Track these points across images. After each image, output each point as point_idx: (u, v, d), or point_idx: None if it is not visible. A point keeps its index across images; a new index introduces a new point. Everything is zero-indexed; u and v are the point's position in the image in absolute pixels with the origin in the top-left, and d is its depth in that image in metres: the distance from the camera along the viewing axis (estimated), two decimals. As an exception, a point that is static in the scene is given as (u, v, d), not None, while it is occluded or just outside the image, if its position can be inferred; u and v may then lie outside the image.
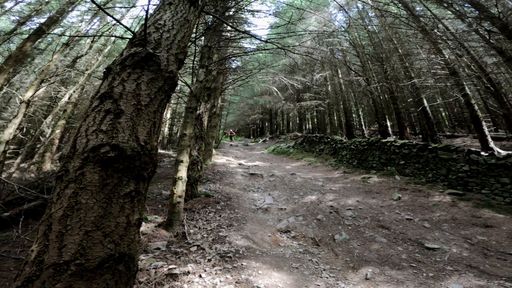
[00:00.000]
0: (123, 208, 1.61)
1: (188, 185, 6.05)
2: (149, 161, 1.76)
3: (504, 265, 3.60)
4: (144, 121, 1.77)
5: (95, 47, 15.10)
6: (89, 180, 1.53)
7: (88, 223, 1.48)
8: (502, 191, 5.76)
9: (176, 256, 3.87)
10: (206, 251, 3.96)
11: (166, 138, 25.57)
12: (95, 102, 1.76)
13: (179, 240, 4.50)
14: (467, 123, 16.06)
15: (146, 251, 4.02)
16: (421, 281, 3.37)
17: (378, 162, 9.13)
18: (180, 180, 4.92)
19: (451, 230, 4.85)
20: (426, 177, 7.29)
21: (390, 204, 6.14)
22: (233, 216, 5.36)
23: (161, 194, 7.03)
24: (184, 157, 5.11)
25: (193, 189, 6.23)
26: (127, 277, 1.68)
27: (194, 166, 6.38)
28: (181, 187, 4.91)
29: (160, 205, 6.24)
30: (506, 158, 5.80)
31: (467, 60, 10.89)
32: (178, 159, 5.10)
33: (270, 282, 3.23)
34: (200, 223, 4.96)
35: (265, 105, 29.13)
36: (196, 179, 6.35)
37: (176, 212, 4.85)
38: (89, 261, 1.49)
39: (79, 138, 1.67)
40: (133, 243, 1.70)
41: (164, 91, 1.96)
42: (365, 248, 4.35)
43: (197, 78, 5.82)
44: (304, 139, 16.67)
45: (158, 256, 3.85)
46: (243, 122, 37.04)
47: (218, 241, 4.24)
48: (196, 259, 3.73)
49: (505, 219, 5.01)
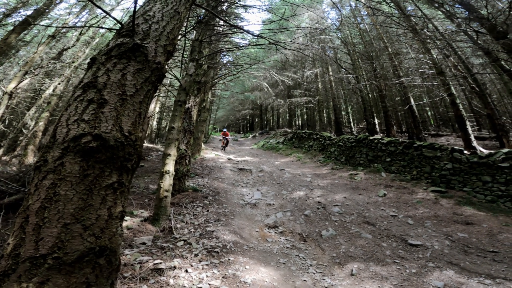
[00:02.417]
0: (105, 200, 1.55)
1: (176, 179, 5.97)
2: (133, 152, 1.71)
3: (484, 262, 3.71)
4: (129, 111, 1.71)
5: (82, 39, 14.74)
6: (69, 171, 1.46)
7: (67, 215, 1.42)
8: (483, 189, 5.95)
9: (162, 251, 3.82)
10: (193, 246, 3.92)
11: (155, 132, 25.19)
12: (78, 92, 1.69)
13: (166, 235, 4.45)
14: (451, 123, 16.51)
15: (131, 246, 3.95)
16: (405, 278, 3.45)
17: (365, 159, 9.28)
18: (168, 174, 4.84)
19: (434, 227, 4.98)
20: (410, 175, 7.47)
21: (376, 201, 6.25)
22: (221, 211, 5.33)
23: (147, 188, 6.92)
24: (172, 151, 5.03)
25: (180, 183, 6.15)
26: (109, 271, 1.64)
27: (182, 160, 6.30)
28: (168, 181, 4.83)
29: (147, 200, 6.15)
30: (488, 156, 5.99)
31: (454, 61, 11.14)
32: (166, 153, 5.02)
33: (257, 277, 3.23)
34: (187, 218, 4.91)
35: (255, 101, 29.02)
36: (184, 173, 6.27)
37: (162, 206, 4.78)
38: (67, 255, 1.43)
39: (60, 127, 1.60)
40: (115, 236, 1.65)
41: (151, 82, 1.91)
42: (351, 244, 4.42)
43: (187, 72, 5.73)
44: (293, 135, 16.76)
45: (144, 251, 3.78)
46: (233, 117, 36.84)
47: (206, 236, 4.21)
48: (183, 254, 3.69)
49: (485, 216, 5.18)
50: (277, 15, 6.13)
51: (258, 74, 16.65)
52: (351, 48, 17.36)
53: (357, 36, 18.30)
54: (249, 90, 25.30)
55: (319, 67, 19.34)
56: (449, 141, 11.96)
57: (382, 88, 14.08)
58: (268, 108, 30.32)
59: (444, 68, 11.22)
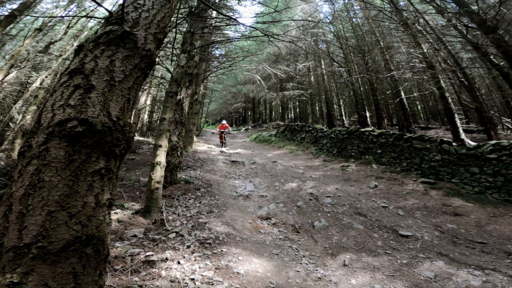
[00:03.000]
0: (92, 186, 1.50)
1: (168, 171, 5.90)
2: (121, 138, 1.65)
3: (473, 254, 3.78)
4: (117, 97, 1.66)
5: (70, 33, 14.55)
6: (54, 156, 1.41)
7: (51, 202, 1.37)
8: (471, 180, 6.08)
9: (154, 243, 3.78)
10: (185, 238, 3.90)
11: (146, 125, 24.87)
12: (64, 78, 1.63)
13: (157, 227, 4.40)
14: (440, 116, 16.81)
15: (122, 239, 3.90)
16: (396, 268, 3.51)
17: (356, 151, 9.39)
18: (159, 165, 4.77)
19: (423, 218, 5.08)
20: (401, 166, 7.59)
21: (367, 192, 6.33)
22: (213, 202, 5.31)
23: (139, 181, 6.83)
24: (163, 142, 4.95)
25: (172, 175, 6.09)
26: (96, 261, 1.59)
27: (174, 151, 6.22)
28: (160, 173, 4.77)
29: (138, 192, 6.06)
30: (476, 148, 6.11)
31: (444, 55, 11.28)
32: (157, 144, 4.94)
33: (250, 268, 3.23)
34: (179, 210, 4.87)
35: (248, 94, 28.86)
36: (176, 165, 6.21)
37: (154, 198, 4.72)
38: (52, 244, 1.38)
39: (45, 112, 1.53)
40: (103, 224, 1.60)
41: (140, 68, 1.86)
42: (343, 234, 4.46)
43: (178, 63, 5.64)
44: (286, 127, 16.80)
45: (135, 243, 3.73)
46: (226, 110, 36.60)
47: (198, 228, 4.19)
48: (175, 246, 3.66)
49: (473, 208, 5.29)
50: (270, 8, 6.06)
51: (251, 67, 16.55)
52: (343, 42, 17.38)
53: (350, 30, 18.33)
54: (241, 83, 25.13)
55: (312, 61, 19.32)
56: (438, 133, 12.19)
57: (373, 81, 14.19)
58: (260, 101, 30.23)
59: (434, 62, 11.36)
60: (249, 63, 17.00)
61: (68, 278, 1.43)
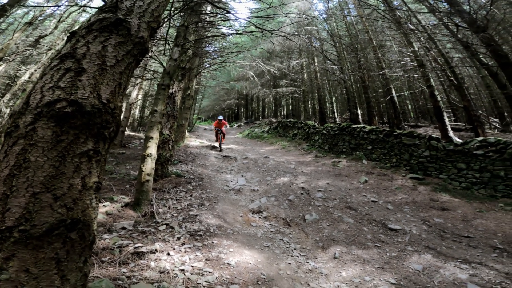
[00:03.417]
0: (79, 168, 1.46)
1: (159, 164, 5.84)
2: (111, 120, 1.63)
3: (459, 248, 3.86)
4: (109, 80, 1.65)
5: (61, 27, 14.41)
6: (41, 136, 1.37)
7: (36, 183, 1.33)
8: (458, 176, 6.22)
9: (143, 235, 3.73)
10: (175, 230, 3.86)
11: (137, 120, 24.58)
12: (55, 62, 1.60)
13: (147, 220, 4.35)
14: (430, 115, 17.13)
15: (110, 231, 3.84)
16: (385, 261, 3.56)
17: (348, 147, 9.49)
18: (150, 157, 4.71)
19: (412, 212, 5.17)
20: (390, 162, 7.71)
21: (358, 187, 6.41)
22: (204, 196, 5.28)
23: (129, 175, 6.74)
24: (154, 134, 4.89)
25: (163, 168, 6.03)
26: (81, 247, 1.55)
27: (165, 144, 6.15)
28: (150, 165, 4.71)
29: (128, 185, 5.99)
30: (464, 144, 6.24)
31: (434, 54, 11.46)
32: (148, 136, 4.87)
33: (241, 259, 3.22)
34: (170, 203, 4.83)
35: (241, 91, 28.78)
36: (167, 158, 6.14)
37: (144, 191, 4.66)
38: (35, 227, 1.34)
39: (34, 94, 1.50)
40: (89, 209, 1.56)
41: (133, 55, 1.85)
42: (334, 228, 4.50)
43: (171, 56, 5.59)
44: (278, 124, 16.86)
45: (124, 235, 3.68)
46: (218, 107, 36.41)
47: (189, 220, 4.15)
48: (165, 238, 3.62)
49: (460, 203, 5.41)
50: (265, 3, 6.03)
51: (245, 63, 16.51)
52: (337, 40, 17.48)
53: (343, 28, 18.45)
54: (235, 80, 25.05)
55: (305, 58, 19.38)
56: (427, 131, 12.41)
57: (365, 79, 14.33)
58: (253, 98, 30.16)
59: (425, 61, 11.53)
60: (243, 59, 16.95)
61: (51, 264, 1.39)
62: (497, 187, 5.59)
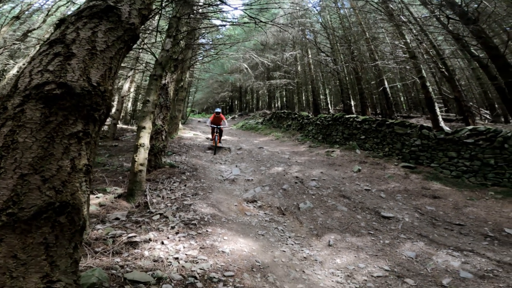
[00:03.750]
0: (68, 149, 1.44)
1: (152, 155, 5.78)
2: (101, 103, 1.61)
3: (451, 235, 3.93)
4: (99, 64, 1.63)
5: (49, 21, 14.20)
6: (29, 117, 1.35)
7: (24, 165, 1.30)
8: (449, 164, 6.32)
9: (137, 225, 3.70)
10: (169, 219, 3.83)
11: (129, 113, 24.28)
12: (44, 47, 1.58)
13: (141, 210, 4.32)
14: (422, 106, 17.32)
15: (103, 222, 3.80)
16: (379, 248, 3.61)
17: (341, 137, 9.57)
18: (142, 147, 4.65)
19: (404, 200, 5.25)
20: (383, 151, 7.80)
21: (351, 176, 6.47)
22: (199, 185, 5.26)
23: (122, 166, 6.66)
24: (147, 124, 4.82)
25: (157, 159, 5.97)
26: (71, 232, 1.51)
27: (158, 135, 6.09)
28: (143, 155, 4.65)
29: (121, 177, 5.93)
30: (454, 133, 6.33)
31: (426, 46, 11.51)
32: (140, 126, 4.80)
33: (236, 247, 3.22)
34: (163, 193, 4.80)
35: (235, 83, 28.56)
36: (160, 149, 6.08)
37: (137, 181, 4.62)
38: (23, 210, 1.31)
39: (22, 78, 1.48)
40: (79, 192, 1.53)
41: (123, 40, 1.84)
42: (328, 216, 4.54)
43: (163, 47, 5.55)
44: (272, 115, 16.87)
45: (117, 225, 3.64)
46: (212, 99, 36.10)
47: (183, 210, 4.14)
48: (159, 227, 3.59)
49: (451, 191, 5.50)
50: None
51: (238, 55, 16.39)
52: (330, 32, 17.42)
53: (337, 21, 18.41)
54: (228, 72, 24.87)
55: (299, 50, 19.30)
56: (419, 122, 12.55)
57: (358, 70, 14.36)
58: (247, 90, 30.00)
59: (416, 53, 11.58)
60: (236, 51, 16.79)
61: (39, 249, 1.36)
62: (487, 175, 5.71)
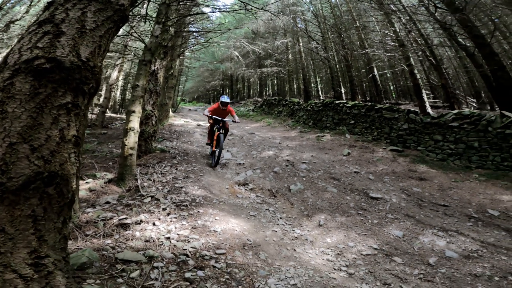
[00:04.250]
0: (57, 120, 1.45)
1: (142, 140, 5.73)
2: (90, 77, 1.64)
3: (436, 216, 4.05)
4: (88, 42, 1.64)
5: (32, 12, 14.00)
6: (19, 89, 1.37)
7: (13, 133, 1.31)
8: (435, 148, 6.50)
9: (128, 208, 3.66)
10: (160, 201, 3.83)
11: (118, 102, 23.86)
12: (33, 27, 1.59)
13: (132, 194, 4.30)
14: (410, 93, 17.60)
15: (93, 206, 3.76)
16: (367, 227, 3.71)
17: (331, 122, 9.72)
18: (132, 130, 4.60)
19: (392, 182, 5.38)
20: (372, 136, 7.97)
21: (341, 159, 6.59)
22: (190, 169, 5.26)
23: (111, 152, 6.60)
24: (136, 108, 4.75)
25: (147, 144, 5.93)
26: (59, 205, 1.51)
27: (148, 120, 6.02)
28: (133, 138, 4.61)
29: (111, 163, 5.87)
30: (440, 117, 6.49)
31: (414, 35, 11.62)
32: (130, 110, 4.74)
33: (227, 227, 3.25)
34: (154, 176, 4.78)
35: (226, 71, 28.25)
36: (151, 134, 6.03)
37: (128, 165, 4.59)
38: (12, 180, 1.31)
39: (11, 54, 1.49)
40: (67, 163, 1.54)
41: (113, 20, 1.85)
42: (318, 197, 4.62)
43: (152, 33, 5.48)
44: (263, 102, 16.89)
45: (108, 209, 3.60)
46: (203, 88, 35.68)
47: (174, 192, 4.14)
48: (150, 209, 3.58)
49: (436, 173, 5.67)
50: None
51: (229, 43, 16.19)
52: (321, 21, 17.34)
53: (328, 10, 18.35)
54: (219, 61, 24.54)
55: (290, 38, 19.18)
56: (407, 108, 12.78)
57: (349, 58, 14.43)
58: (238, 78, 29.75)
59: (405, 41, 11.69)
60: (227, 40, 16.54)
61: (27, 222, 1.36)
62: (472, 158, 5.88)
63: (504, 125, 5.47)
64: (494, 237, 3.41)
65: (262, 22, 17.27)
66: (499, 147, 5.52)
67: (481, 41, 7.25)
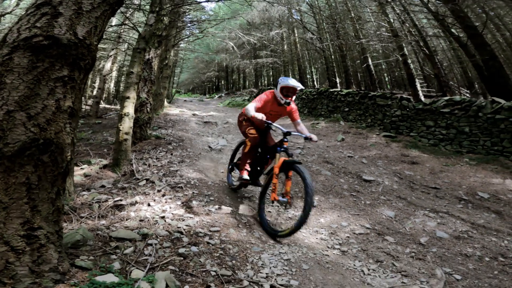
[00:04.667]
0: (53, 91, 1.51)
1: (137, 127, 5.74)
2: (87, 53, 1.70)
3: (427, 198, 4.15)
4: (85, 22, 1.69)
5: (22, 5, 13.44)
6: (17, 63, 1.44)
7: (11, 102, 1.37)
8: (427, 133, 6.61)
9: (123, 190, 3.68)
10: (156, 184, 3.84)
11: (112, 94, 23.63)
12: (31, 10, 1.63)
13: (127, 178, 4.32)
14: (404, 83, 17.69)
15: (88, 189, 3.77)
16: (360, 208, 3.79)
17: (326, 110, 9.82)
18: (127, 116, 4.61)
19: (384, 166, 5.48)
20: (366, 122, 8.09)
21: (335, 145, 6.69)
22: (185, 154, 5.28)
23: (106, 140, 6.60)
24: (131, 94, 4.76)
25: (142, 131, 5.94)
26: (54, 174, 1.55)
27: (143, 107, 6.03)
28: (128, 124, 4.62)
29: (106, 150, 5.88)
30: (431, 104, 6.59)
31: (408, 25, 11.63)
32: (125, 96, 4.75)
33: (222, 206, 3.27)
34: (150, 161, 4.81)
35: (221, 63, 28.05)
36: (146, 121, 6.04)
37: (123, 150, 4.61)
38: (8, 145, 1.35)
39: (10, 33, 1.55)
40: (63, 132, 1.58)
41: (108, 3, 1.89)
42: (312, 180, 4.67)
43: (146, 22, 5.50)
44: (259, 91, 16.91)
45: (103, 192, 3.61)
46: (198, 80, 35.41)
47: (169, 175, 4.15)
48: (145, 191, 3.57)
49: (428, 158, 5.79)
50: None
51: (224, 34, 16.01)
52: (316, 12, 17.23)
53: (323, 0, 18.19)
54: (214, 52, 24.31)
55: (285, 29, 19.07)
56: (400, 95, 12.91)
57: (343, 48, 14.41)
58: (234, 69, 29.57)
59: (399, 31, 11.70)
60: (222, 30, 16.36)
61: (21, 191, 1.39)
62: (462, 143, 6.00)
63: (494, 110, 5.57)
64: (484, 219, 3.49)
65: (257, 12, 17.11)
66: (489, 132, 5.63)
67: (473, 32, 7.30)
